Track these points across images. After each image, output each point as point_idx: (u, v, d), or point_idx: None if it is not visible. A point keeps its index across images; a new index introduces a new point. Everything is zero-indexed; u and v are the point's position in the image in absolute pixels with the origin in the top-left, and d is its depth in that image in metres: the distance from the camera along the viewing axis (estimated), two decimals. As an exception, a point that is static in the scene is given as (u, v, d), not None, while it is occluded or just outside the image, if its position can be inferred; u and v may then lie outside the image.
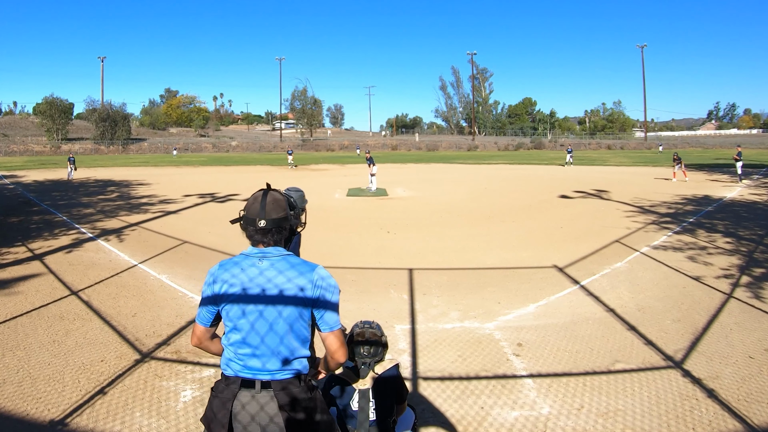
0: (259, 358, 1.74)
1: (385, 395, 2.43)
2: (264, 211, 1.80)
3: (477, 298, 5.46)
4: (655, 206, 12.41)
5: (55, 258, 7.30)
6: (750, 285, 5.72)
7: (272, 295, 1.74)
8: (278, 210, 1.83)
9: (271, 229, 1.81)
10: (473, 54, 76.94)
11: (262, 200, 1.83)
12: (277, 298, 1.74)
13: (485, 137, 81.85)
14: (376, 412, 2.38)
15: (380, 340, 2.54)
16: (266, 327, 1.74)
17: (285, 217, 1.84)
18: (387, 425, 2.40)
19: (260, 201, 1.83)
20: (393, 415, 2.41)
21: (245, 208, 1.86)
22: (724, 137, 76.17)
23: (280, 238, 1.85)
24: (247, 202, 1.89)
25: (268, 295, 1.74)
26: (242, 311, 1.75)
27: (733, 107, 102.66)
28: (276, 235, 1.83)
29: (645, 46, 69.57)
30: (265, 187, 1.90)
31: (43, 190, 17.67)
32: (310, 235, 9.07)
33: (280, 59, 73.64)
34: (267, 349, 1.74)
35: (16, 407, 3.17)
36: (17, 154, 49.80)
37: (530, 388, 3.48)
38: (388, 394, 2.44)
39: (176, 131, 76.58)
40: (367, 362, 2.51)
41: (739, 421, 2.99)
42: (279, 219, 1.82)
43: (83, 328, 4.56)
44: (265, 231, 1.81)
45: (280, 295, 1.74)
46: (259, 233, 1.81)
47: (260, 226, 1.79)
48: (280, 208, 1.83)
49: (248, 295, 1.75)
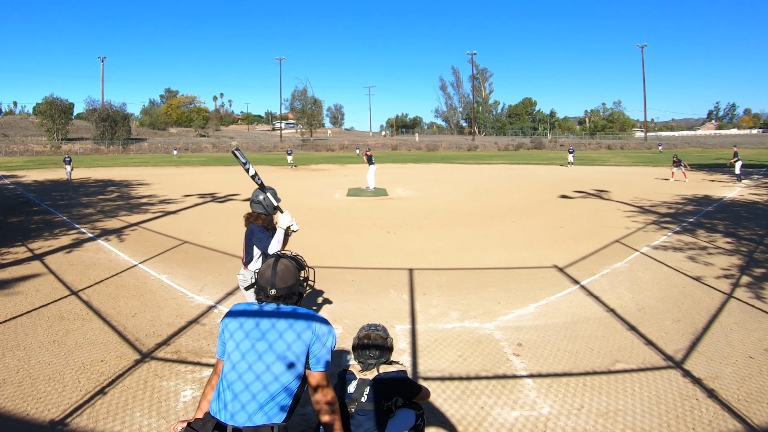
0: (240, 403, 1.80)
1: (382, 394, 2.48)
2: (273, 280, 1.95)
3: (477, 298, 5.46)
4: (655, 206, 12.41)
5: (55, 258, 7.30)
6: (750, 285, 5.72)
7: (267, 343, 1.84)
8: (285, 281, 1.96)
9: (281, 296, 1.95)
10: (473, 54, 77.03)
11: (273, 268, 1.97)
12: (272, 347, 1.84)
13: (485, 137, 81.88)
14: (373, 406, 2.45)
15: (386, 343, 2.61)
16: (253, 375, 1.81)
17: (295, 283, 1.98)
18: (380, 419, 2.45)
19: (271, 270, 1.97)
20: (388, 412, 2.48)
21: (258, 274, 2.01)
22: (724, 137, 76.15)
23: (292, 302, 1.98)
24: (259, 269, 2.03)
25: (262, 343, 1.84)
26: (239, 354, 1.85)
27: (733, 107, 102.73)
28: (287, 300, 1.97)
29: (645, 46, 69.60)
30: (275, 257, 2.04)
31: (43, 190, 17.67)
32: (311, 235, 9.10)
33: (280, 59, 73.70)
34: (250, 395, 1.80)
35: (16, 407, 3.17)
36: (17, 154, 49.80)
37: (530, 388, 3.48)
38: (384, 394, 2.49)
39: (176, 131, 76.55)
40: (372, 363, 2.57)
41: (739, 421, 2.99)
42: (284, 288, 1.95)
43: (83, 328, 4.55)
44: (277, 297, 1.95)
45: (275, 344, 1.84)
46: (273, 300, 1.95)
47: (271, 294, 1.94)
48: (286, 279, 1.96)
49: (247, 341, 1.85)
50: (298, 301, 2.03)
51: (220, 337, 1.94)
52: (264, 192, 3.68)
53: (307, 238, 8.13)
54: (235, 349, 1.85)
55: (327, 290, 5.72)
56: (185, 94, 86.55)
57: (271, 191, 3.76)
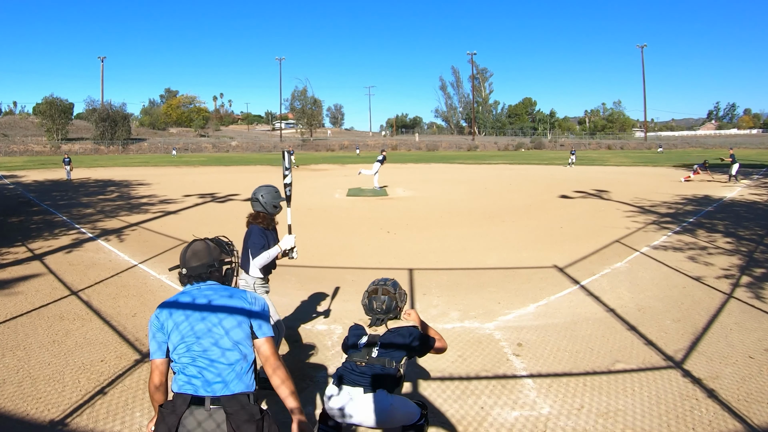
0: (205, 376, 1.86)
1: (392, 346, 2.42)
2: (184, 259, 2.07)
3: (477, 298, 5.46)
4: (656, 206, 12.41)
5: (55, 258, 7.30)
6: (750, 285, 5.72)
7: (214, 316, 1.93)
8: (198, 259, 2.07)
9: (190, 276, 2.05)
10: (473, 54, 76.99)
11: (184, 250, 2.09)
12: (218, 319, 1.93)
13: (485, 137, 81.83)
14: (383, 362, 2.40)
15: (393, 296, 2.54)
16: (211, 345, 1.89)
17: (204, 263, 2.07)
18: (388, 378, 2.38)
19: (183, 251, 2.10)
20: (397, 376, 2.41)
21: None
22: (724, 137, 76.13)
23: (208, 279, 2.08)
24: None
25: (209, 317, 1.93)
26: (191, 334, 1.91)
27: (733, 107, 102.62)
28: (198, 280, 2.06)
29: (645, 46, 69.54)
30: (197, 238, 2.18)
31: (43, 190, 17.67)
32: (311, 235, 9.10)
33: (280, 59, 73.56)
34: (214, 368, 1.86)
35: (16, 407, 3.17)
36: (17, 154, 49.78)
37: (530, 388, 3.48)
38: (396, 346, 2.42)
39: (176, 131, 76.49)
40: (380, 318, 2.50)
41: (740, 421, 2.99)
42: (198, 266, 2.06)
43: (83, 328, 4.55)
44: (189, 276, 2.06)
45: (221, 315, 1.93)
46: (184, 278, 2.07)
47: (182, 272, 2.07)
48: (199, 257, 2.07)
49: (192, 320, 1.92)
50: (225, 281, 2.14)
51: (155, 337, 1.94)
52: (288, 203, 3.58)
53: (307, 238, 8.13)
54: (184, 334, 1.90)
55: (327, 290, 5.72)
56: (185, 94, 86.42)
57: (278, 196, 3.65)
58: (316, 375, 3.71)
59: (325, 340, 4.37)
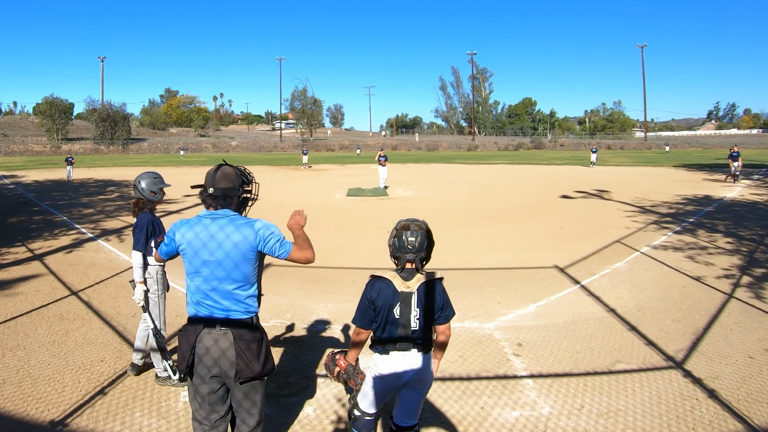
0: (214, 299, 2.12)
1: (431, 296, 2.27)
2: (213, 180, 2.20)
3: (477, 298, 5.46)
4: (656, 206, 12.41)
5: (55, 258, 7.30)
6: (750, 285, 5.72)
7: (223, 243, 2.12)
8: (226, 181, 2.21)
9: (218, 196, 2.19)
10: (473, 54, 76.84)
11: (214, 173, 2.22)
12: (226, 246, 2.12)
13: (485, 137, 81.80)
14: (420, 319, 2.26)
15: (425, 233, 2.30)
16: (219, 270, 2.11)
17: (232, 187, 2.22)
18: (429, 332, 2.32)
19: (211, 173, 2.22)
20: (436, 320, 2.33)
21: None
22: (724, 137, 76.06)
23: (227, 204, 2.22)
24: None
25: (219, 244, 2.12)
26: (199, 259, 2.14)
27: (733, 107, 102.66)
28: (222, 201, 2.20)
29: (645, 46, 69.48)
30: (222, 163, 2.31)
31: (43, 191, 17.67)
32: (311, 235, 8.98)
33: (280, 59, 73.57)
34: (222, 290, 2.12)
35: (16, 407, 3.16)
36: (17, 154, 49.77)
37: (530, 388, 3.47)
38: (433, 296, 2.29)
39: (176, 131, 76.49)
40: (411, 258, 2.26)
41: (740, 421, 2.98)
42: (226, 188, 2.20)
43: (83, 328, 4.55)
44: (214, 197, 2.19)
45: (229, 244, 2.12)
46: (209, 198, 2.20)
47: (209, 192, 2.19)
48: (228, 180, 2.22)
49: (203, 245, 2.13)
50: (239, 210, 2.30)
51: (168, 244, 2.24)
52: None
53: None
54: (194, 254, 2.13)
55: (327, 290, 5.72)
56: (185, 94, 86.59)
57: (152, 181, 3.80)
58: (316, 375, 3.71)
59: (325, 340, 4.36)
